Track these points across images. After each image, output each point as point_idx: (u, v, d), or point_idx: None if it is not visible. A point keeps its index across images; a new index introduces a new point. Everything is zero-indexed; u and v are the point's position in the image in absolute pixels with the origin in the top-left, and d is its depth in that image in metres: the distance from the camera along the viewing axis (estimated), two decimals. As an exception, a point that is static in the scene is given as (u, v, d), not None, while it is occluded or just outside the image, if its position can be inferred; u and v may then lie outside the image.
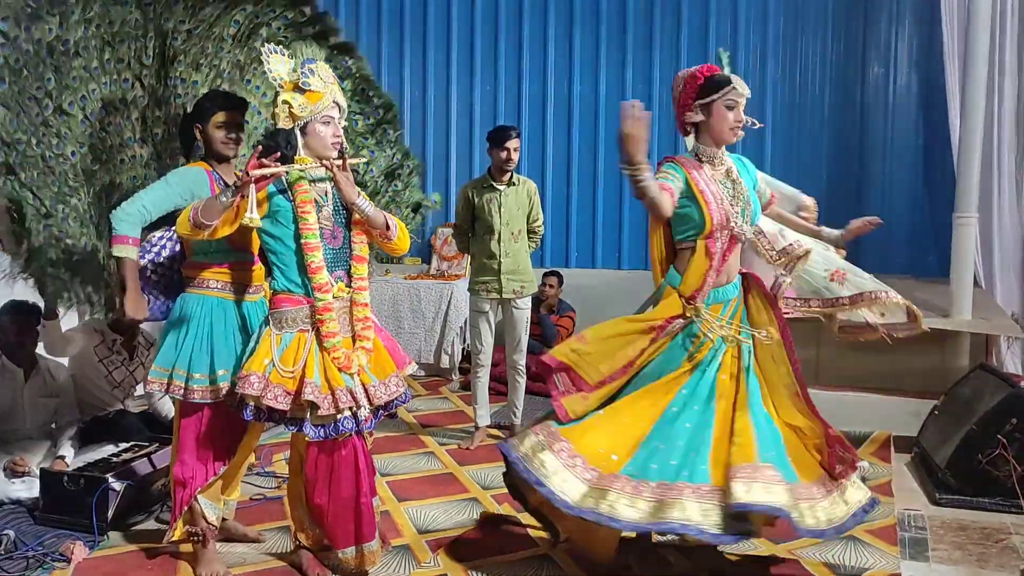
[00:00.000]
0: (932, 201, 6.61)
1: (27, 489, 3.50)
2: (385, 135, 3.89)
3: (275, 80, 2.64)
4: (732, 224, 2.78)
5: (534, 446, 2.75)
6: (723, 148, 2.85)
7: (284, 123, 2.65)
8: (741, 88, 2.78)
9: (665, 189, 2.67)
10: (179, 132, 3.12)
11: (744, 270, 2.93)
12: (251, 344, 2.76)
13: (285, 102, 2.63)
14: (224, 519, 3.12)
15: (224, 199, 2.56)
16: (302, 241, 2.66)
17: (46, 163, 2.81)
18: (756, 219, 2.90)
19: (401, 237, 2.85)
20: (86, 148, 2.95)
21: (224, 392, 2.81)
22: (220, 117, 2.90)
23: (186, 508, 2.90)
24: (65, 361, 4.01)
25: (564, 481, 2.66)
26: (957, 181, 5.04)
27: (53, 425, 3.83)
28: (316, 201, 2.70)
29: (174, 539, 2.96)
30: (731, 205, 2.79)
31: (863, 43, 6.94)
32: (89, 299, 2.92)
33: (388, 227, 2.79)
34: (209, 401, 2.83)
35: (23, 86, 2.73)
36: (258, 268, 2.98)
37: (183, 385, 2.81)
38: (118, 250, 2.75)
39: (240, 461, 3.10)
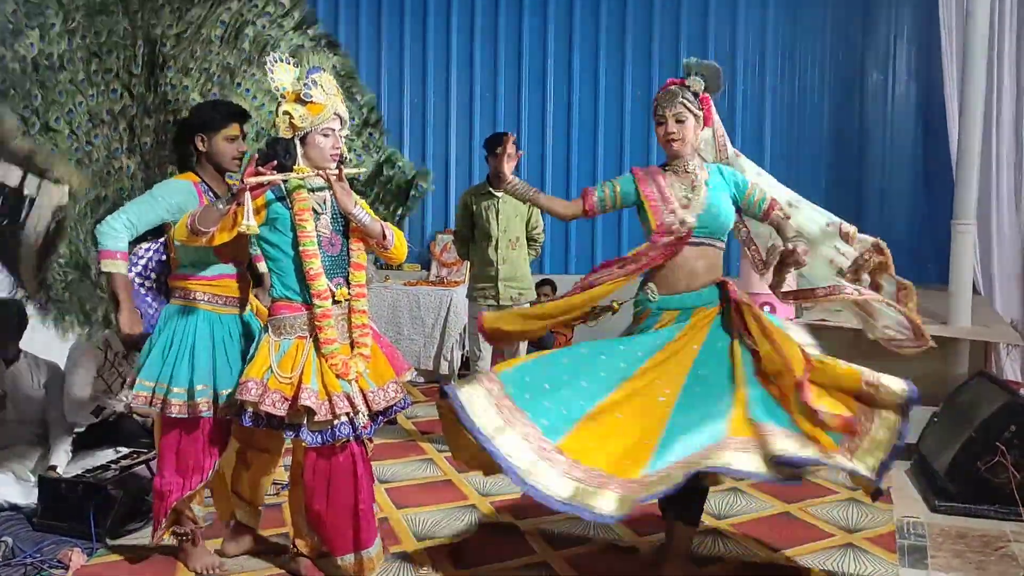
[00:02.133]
0: (931, 208, 6.62)
1: (24, 495, 3.50)
2: (372, 139, 3.86)
3: (278, 90, 2.65)
4: (679, 228, 2.80)
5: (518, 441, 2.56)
6: (686, 158, 2.86)
7: (284, 133, 2.66)
8: (661, 100, 2.83)
9: (586, 194, 2.95)
10: (174, 140, 3.08)
11: (722, 280, 2.88)
12: (251, 351, 2.77)
13: (286, 113, 2.64)
14: (254, 530, 3.17)
15: (221, 206, 2.58)
16: (300, 249, 2.67)
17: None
18: (715, 228, 2.86)
19: (398, 246, 2.86)
20: (73, 163, 2.91)
21: (202, 408, 2.78)
22: (231, 131, 2.87)
23: (164, 517, 2.90)
24: (57, 361, 3.99)
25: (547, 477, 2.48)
26: (956, 188, 5.03)
27: (42, 429, 3.81)
28: (314, 209, 2.71)
29: (156, 543, 3.01)
30: (683, 208, 2.82)
31: (862, 50, 6.95)
32: (88, 317, 2.90)
33: (385, 236, 2.80)
34: (185, 416, 2.79)
35: (11, 106, 2.71)
36: (245, 281, 2.98)
37: (163, 399, 2.79)
38: (106, 265, 2.73)
39: (266, 470, 3.14)
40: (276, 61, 2.65)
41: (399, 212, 3.85)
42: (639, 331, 2.87)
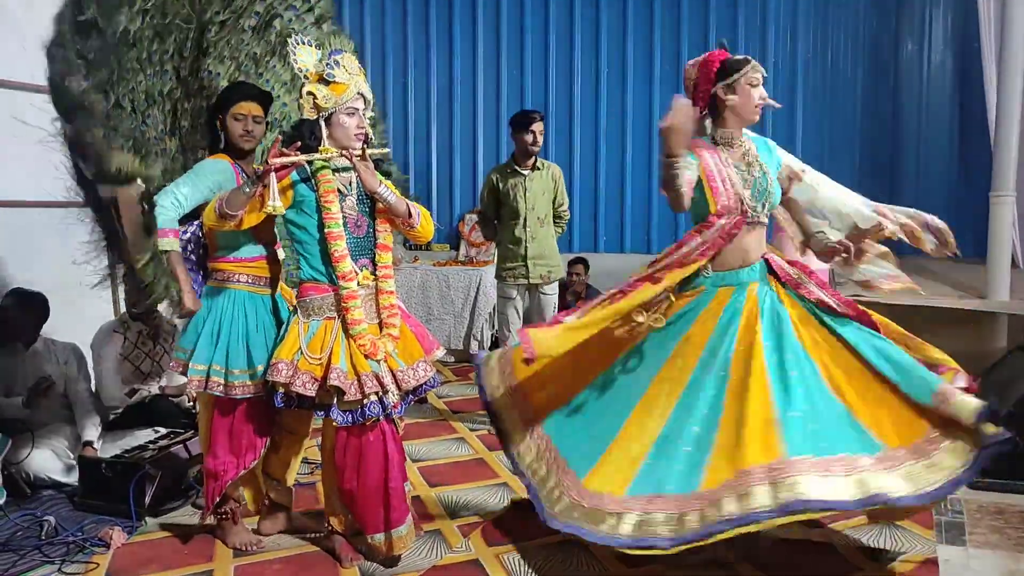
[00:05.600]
0: (968, 180, 6.50)
1: (64, 472, 3.59)
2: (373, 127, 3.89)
3: (300, 71, 2.66)
4: (744, 207, 2.77)
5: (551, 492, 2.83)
6: (743, 129, 2.86)
7: (308, 113, 2.67)
8: (759, 67, 2.82)
9: (688, 183, 2.75)
10: (205, 124, 3.12)
11: (766, 256, 2.86)
12: (281, 332, 2.80)
13: (310, 93, 2.65)
14: (288, 509, 3.21)
15: (247, 190, 2.61)
16: (325, 230, 2.69)
17: None
18: (768, 206, 2.84)
19: (424, 225, 2.86)
20: (131, 142, 2.96)
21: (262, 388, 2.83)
22: (238, 108, 2.88)
23: (218, 496, 2.96)
24: (81, 343, 4.07)
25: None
26: (994, 159, 4.94)
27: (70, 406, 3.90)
28: (340, 190, 2.73)
29: (205, 520, 3.07)
30: (743, 188, 2.79)
31: (896, 19, 6.81)
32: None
33: (411, 215, 2.81)
34: (250, 396, 2.84)
35: (96, 80, 2.76)
36: (277, 262, 3.01)
37: (222, 381, 2.83)
38: (164, 244, 2.78)
39: (295, 450, 3.18)
40: (299, 44, 2.66)
41: None
42: (689, 311, 2.82)
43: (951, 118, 6.73)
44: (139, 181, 2.75)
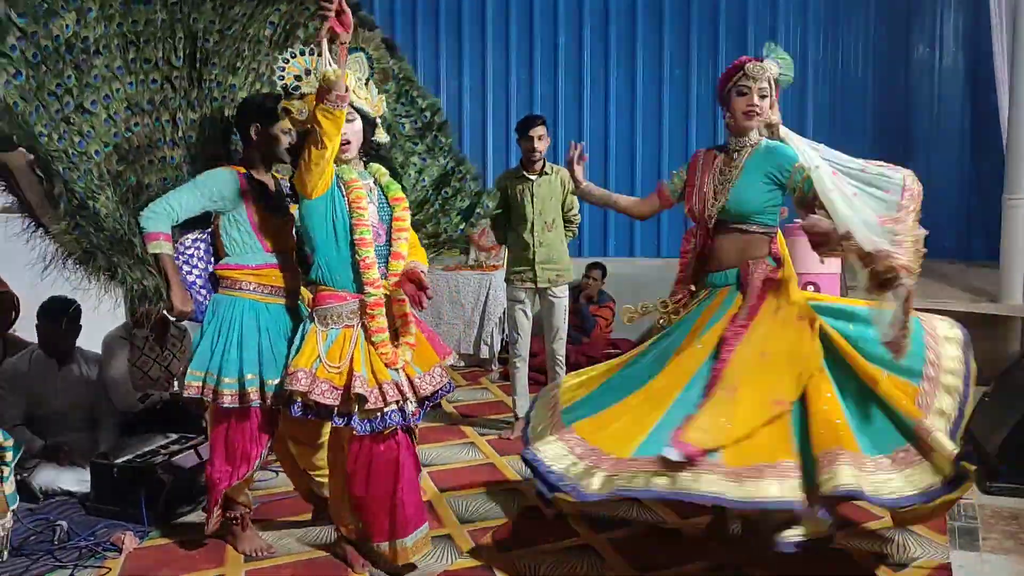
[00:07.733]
0: (981, 183, 6.47)
1: (77, 481, 3.59)
2: (436, 143, 3.80)
3: (284, 87, 2.64)
4: (704, 213, 2.87)
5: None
6: (749, 134, 2.84)
7: (295, 127, 2.70)
8: (754, 71, 2.77)
9: (660, 187, 3.05)
10: (222, 133, 3.13)
11: (747, 263, 2.84)
12: (296, 341, 2.79)
13: (285, 109, 2.64)
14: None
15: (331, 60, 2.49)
16: (356, 237, 2.68)
17: (70, 159, 2.80)
18: (737, 207, 2.82)
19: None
20: (111, 148, 2.95)
21: (252, 398, 2.81)
22: (287, 123, 2.87)
23: (215, 506, 2.97)
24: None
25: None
26: (1007, 162, 4.91)
27: (91, 417, 3.91)
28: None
29: (212, 530, 3.05)
30: (711, 194, 2.85)
31: (907, 22, 6.79)
32: (141, 284, 2.87)
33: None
34: (236, 406, 2.84)
35: (41, 81, 2.72)
36: (294, 271, 3.01)
37: (214, 388, 2.82)
38: (151, 247, 2.79)
39: (314, 454, 3.19)
40: (292, 56, 2.62)
41: (462, 227, 3.78)
42: (696, 307, 2.91)
43: (963, 121, 6.69)
44: (23, 149, 2.66)
